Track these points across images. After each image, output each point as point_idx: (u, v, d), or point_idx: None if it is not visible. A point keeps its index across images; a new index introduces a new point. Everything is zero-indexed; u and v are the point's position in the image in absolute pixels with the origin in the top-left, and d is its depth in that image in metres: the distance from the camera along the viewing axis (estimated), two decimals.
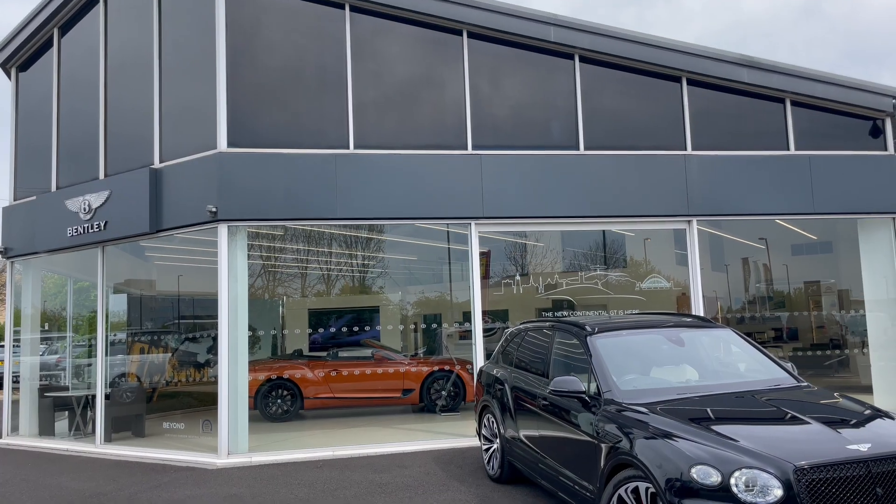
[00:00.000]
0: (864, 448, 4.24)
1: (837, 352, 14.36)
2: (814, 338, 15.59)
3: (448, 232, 12.66)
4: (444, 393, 12.39)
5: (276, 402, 12.07)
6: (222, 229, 9.21)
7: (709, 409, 5.06)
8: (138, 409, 10.87)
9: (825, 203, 10.58)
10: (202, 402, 11.31)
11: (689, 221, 10.39)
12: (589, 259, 14.02)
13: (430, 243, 14.55)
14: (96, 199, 10.23)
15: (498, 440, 7.31)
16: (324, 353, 13.26)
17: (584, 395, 5.50)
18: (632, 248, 14.05)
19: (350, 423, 11.75)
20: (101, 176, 10.60)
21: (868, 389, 10.71)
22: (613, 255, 14.16)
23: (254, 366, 11.67)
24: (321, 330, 14.23)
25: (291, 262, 16.65)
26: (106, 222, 10.12)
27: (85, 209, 10.31)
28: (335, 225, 11.68)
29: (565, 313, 12.34)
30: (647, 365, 6.04)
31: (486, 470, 7.66)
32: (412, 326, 16.31)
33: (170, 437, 10.34)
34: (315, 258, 16.60)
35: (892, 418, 4.88)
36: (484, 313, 10.47)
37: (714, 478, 4.15)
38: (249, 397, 9.99)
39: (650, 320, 6.92)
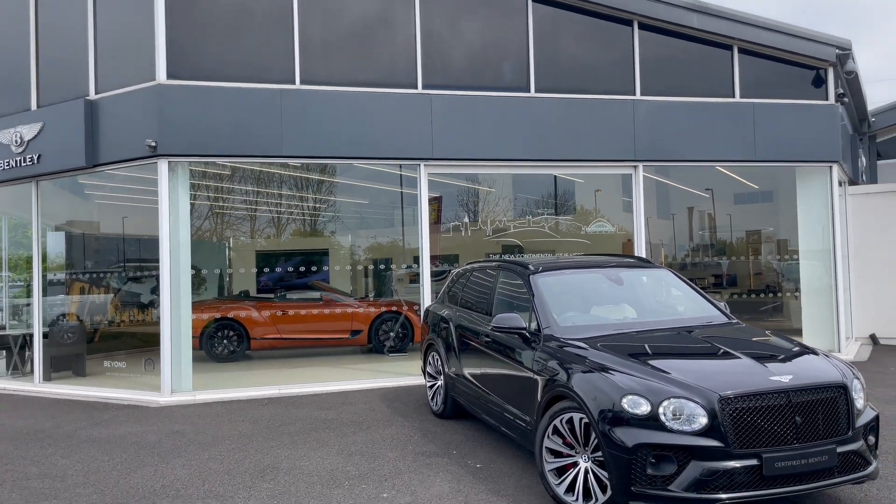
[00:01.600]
0: (785, 379, 4.43)
1: (772, 296, 14.92)
2: (751, 284, 16.14)
3: (401, 175, 12.56)
4: (392, 334, 12.46)
5: (222, 342, 11.97)
6: (162, 165, 8.93)
7: (645, 345, 5.21)
8: (79, 349, 10.66)
9: (767, 150, 10.80)
10: (146, 343, 11.12)
11: (635, 167, 10.50)
12: (540, 205, 14.15)
13: (383, 186, 14.44)
14: (28, 132, 9.78)
15: (442, 377, 7.42)
16: (271, 295, 13.15)
17: (524, 332, 5.59)
18: (581, 195, 14.22)
19: (297, 364, 11.77)
20: (34, 107, 10.10)
21: (798, 332, 11.18)
22: (564, 202, 14.32)
23: (199, 306, 11.51)
24: (267, 270, 14.07)
25: (240, 204, 16.35)
26: (39, 155, 9.71)
27: (16, 141, 9.85)
28: (280, 163, 11.46)
29: (513, 257, 12.47)
30: (588, 303, 6.18)
31: (430, 406, 7.79)
32: (361, 269, 16.28)
33: (111, 376, 10.18)
34: (264, 199, 16.32)
35: (816, 354, 5.09)
36: (434, 257, 10.48)
37: (644, 407, 4.30)
38: (194, 337, 9.88)
39: (592, 261, 7.03)
